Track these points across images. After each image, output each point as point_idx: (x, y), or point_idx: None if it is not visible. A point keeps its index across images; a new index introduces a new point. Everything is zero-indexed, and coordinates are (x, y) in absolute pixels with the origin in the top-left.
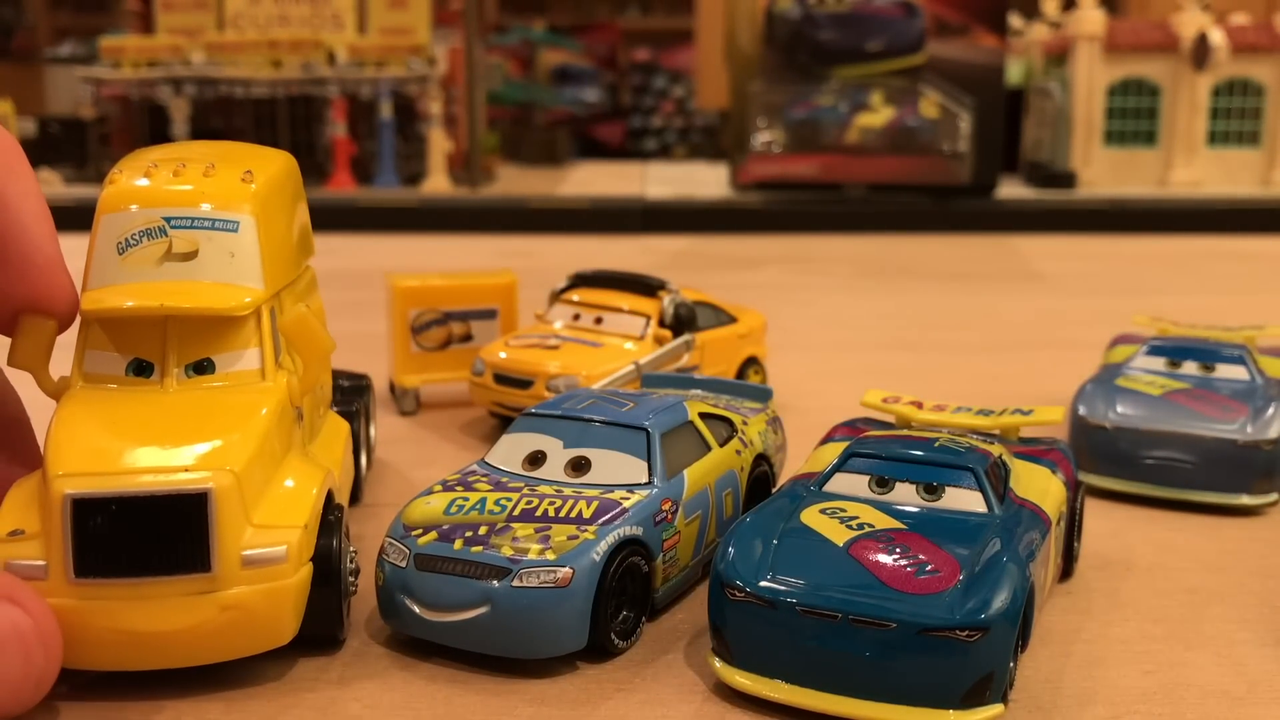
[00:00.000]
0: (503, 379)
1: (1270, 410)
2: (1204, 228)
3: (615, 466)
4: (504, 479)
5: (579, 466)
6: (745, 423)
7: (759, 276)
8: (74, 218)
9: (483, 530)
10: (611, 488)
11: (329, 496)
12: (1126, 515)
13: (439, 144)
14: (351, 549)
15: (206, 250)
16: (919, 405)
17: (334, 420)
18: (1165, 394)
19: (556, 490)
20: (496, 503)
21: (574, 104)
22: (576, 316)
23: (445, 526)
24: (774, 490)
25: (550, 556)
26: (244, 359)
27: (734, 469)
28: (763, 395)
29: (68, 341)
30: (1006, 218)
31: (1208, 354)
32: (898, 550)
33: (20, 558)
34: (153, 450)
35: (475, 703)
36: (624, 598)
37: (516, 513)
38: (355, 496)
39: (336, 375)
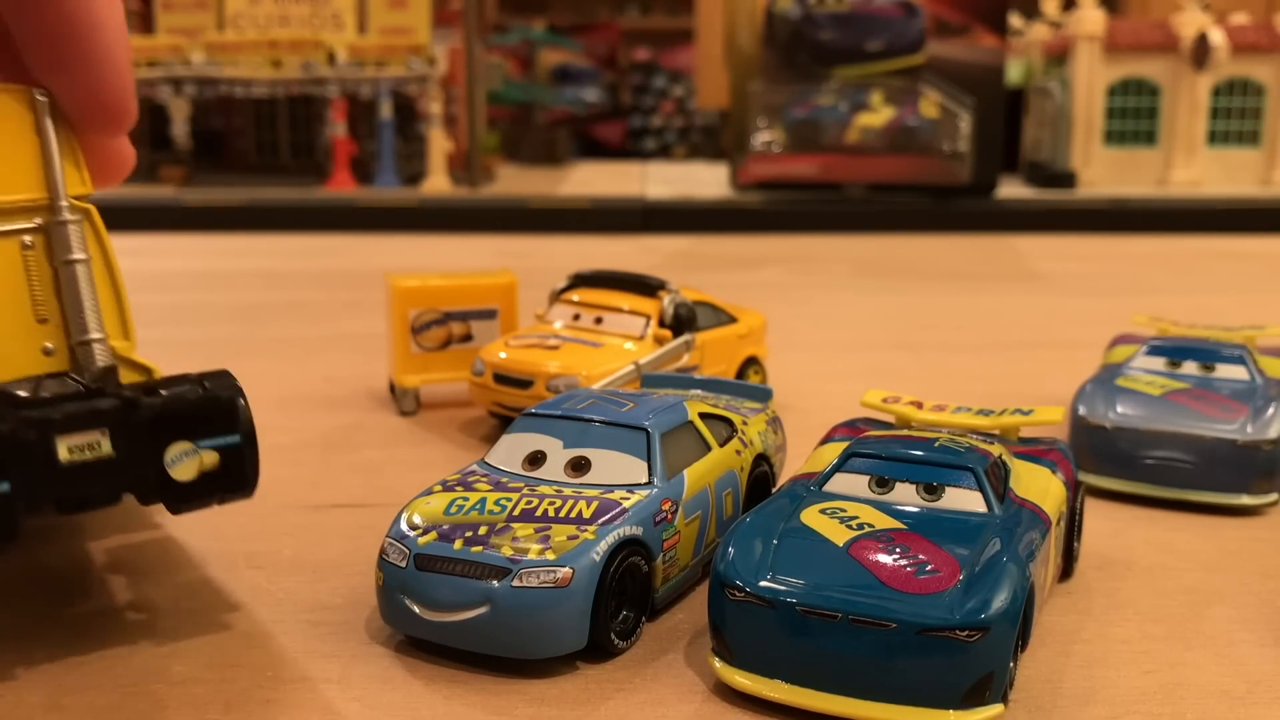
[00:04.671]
0: (503, 379)
1: (1270, 410)
2: (1204, 228)
3: (615, 466)
4: (504, 479)
5: (579, 466)
6: (745, 423)
7: (759, 276)
8: None
9: (483, 530)
10: (611, 488)
11: None
12: (1126, 515)
13: (439, 144)
14: None
15: None
16: (919, 405)
17: None
18: (1165, 394)
19: (556, 490)
20: (496, 503)
21: (574, 104)
22: (576, 316)
23: (445, 526)
24: (774, 490)
25: (550, 556)
26: None
27: (734, 469)
28: (763, 395)
29: None
30: (1006, 218)
31: (1208, 354)
32: (898, 550)
33: None
34: None
35: (475, 703)
36: (624, 598)
37: (516, 513)
38: None
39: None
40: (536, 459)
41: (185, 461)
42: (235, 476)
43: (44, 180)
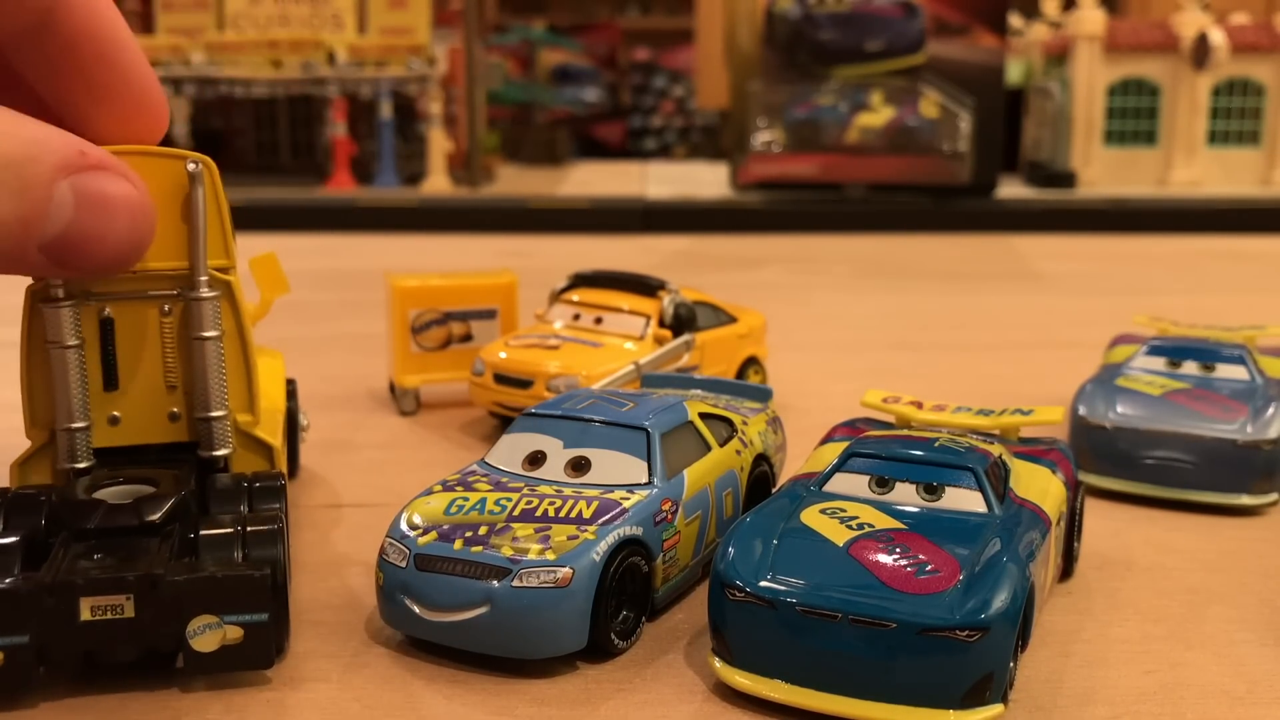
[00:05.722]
0: (503, 379)
1: (1270, 410)
2: (1204, 228)
3: (615, 466)
4: (504, 479)
5: (579, 466)
6: (745, 423)
7: (759, 276)
8: None
9: (483, 530)
10: (611, 488)
11: None
12: (1126, 515)
13: (439, 144)
14: None
15: None
16: (919, 405)
17: None
18: (1165, 394)
19: (556, 490)
20: (496, 503)
21: (574, 104)
22: (576, 316)
23: (445, 526)
24: (774, 490)
25: (550, 556)
26: None
27: (734, 469)
28: (763, 395)
29: None
30: (1006, 218)
31: (1208, 354)
32: (898, 550)
33: None
34: None
35: (475, 703)
36: (624, 598)
37: (516, 513)
38: None
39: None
40: (536, 459)
41: (207, 634)
42: (258, 653)
43: (187, 251)
